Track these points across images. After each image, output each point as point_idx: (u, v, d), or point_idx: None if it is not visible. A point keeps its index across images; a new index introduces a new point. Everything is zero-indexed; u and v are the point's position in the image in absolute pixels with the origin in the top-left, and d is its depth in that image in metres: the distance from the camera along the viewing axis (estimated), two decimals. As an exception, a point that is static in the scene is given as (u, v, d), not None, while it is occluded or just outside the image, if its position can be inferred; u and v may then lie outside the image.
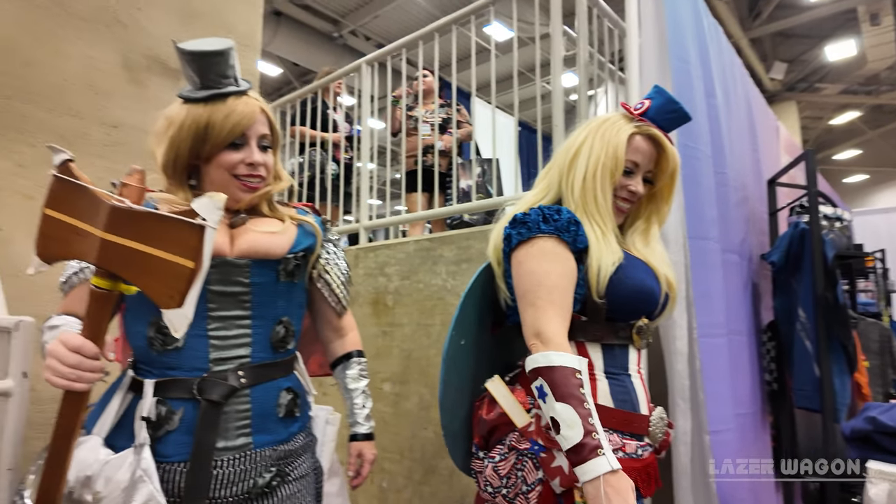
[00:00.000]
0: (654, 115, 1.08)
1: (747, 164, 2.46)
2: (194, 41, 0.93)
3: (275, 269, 0.99)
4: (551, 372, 0.87)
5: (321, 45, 10.05)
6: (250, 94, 0.98)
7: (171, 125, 0.95)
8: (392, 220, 2.51)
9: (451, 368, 1.09)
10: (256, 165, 0.97)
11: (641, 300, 1.03)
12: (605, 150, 1.04)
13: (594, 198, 1.04)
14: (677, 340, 1.62)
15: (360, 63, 2.66)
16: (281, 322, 1.02)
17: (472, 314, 1.12)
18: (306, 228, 1.07)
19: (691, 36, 1.90)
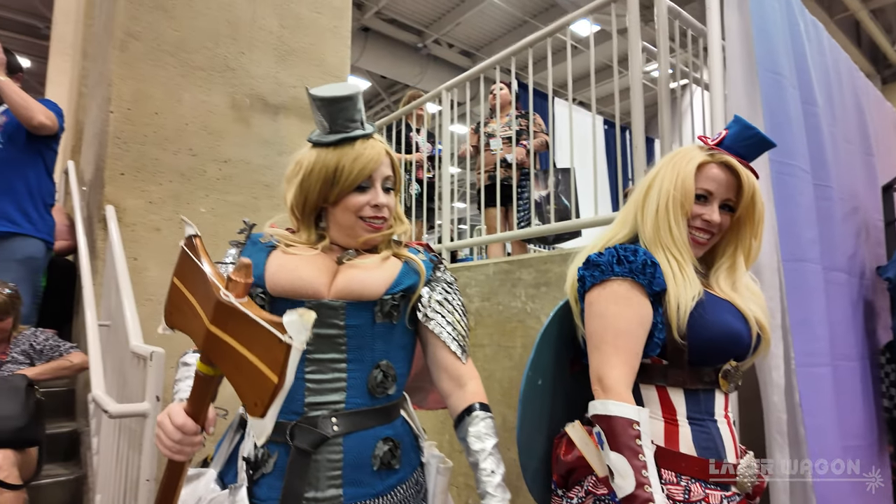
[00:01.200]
0: (731, 144, 1.05)
1: (857, 170, 2.25)
2: (324, 87, 0.96)
3: (371, 310, 0.96)
4: (608, 421, 0.88)
5: (407, 56, 10.36)
6: (375, 136, 1.00)
7: (302, 169, 0.98)
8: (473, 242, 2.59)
9: (527, 408, 1.10)
10: (381, 207, 0.99)
11: (726, 344, 0.99)
12: (674, 180, 1.03)
13: (668, 229, 1.02)
14: (773, 371, 1.55)
15: (441, 90, 2.75)
16: (379, 366, 0.97)
17: (549, 354, 1.13)
18: (410, 266, 1.03)
19: (783, 43, 1.79)
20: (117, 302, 1.88)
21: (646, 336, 0.97)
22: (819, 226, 1.78)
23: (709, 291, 1.03)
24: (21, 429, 1.76)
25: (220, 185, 2.71)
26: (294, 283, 0.93)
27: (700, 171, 1.04)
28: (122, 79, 2.52)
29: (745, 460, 1.01)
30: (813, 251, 1.71)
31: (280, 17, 3.04)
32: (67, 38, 6.61)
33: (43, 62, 8.90)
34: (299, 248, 0.98)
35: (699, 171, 1.04)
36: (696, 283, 0.99)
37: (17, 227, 2.33)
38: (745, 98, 1.70)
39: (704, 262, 1.12)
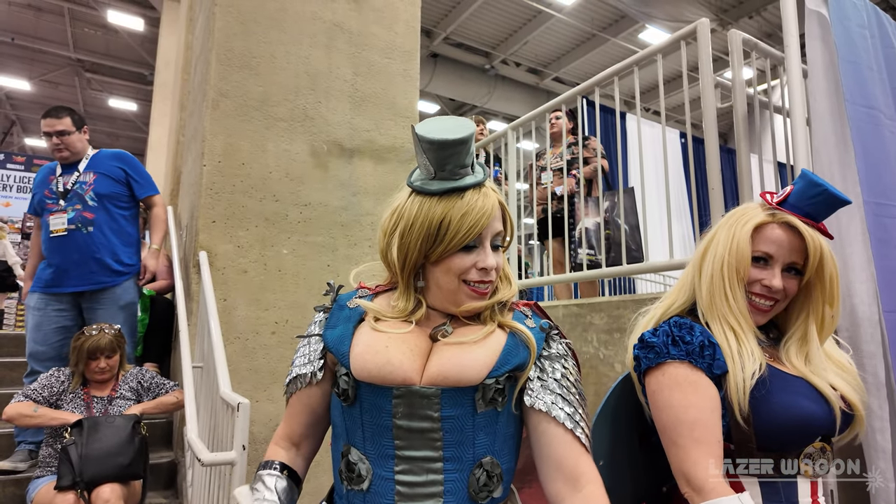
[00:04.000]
0: (795, 202, 0.97)
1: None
2: (433, 123, 0.83)
3: (471, 397, 0.80)
4: None
5: (475, 77, 10.53)
6: (487, 184, 0.86)
7: (402, 221, 0.84)
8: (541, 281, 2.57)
9: None
10: (489, 270, 0.84)
11: (797, 428, 0.91)
12: (728, 244, 0.97)
13: (724, 297, 0.96)
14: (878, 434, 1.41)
15: (507, 129, 2.78)
16: (482, 465, 0.81)
17: (609, 433, 1.07)
18: (518, 338, 0.86)
19: (877, 72, 1.67)
20: (209, 345, 2.04)
21: (720, 422, 0.91)
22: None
23: (776, 367, 0.96)
24: (127, 465, 1.94)
25: (301, 228, 2.89)
26: (382, 368, 0.79)
27: (759, 232, 0.97)
28: (213, 135, 2.76)
29: None
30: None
31: (354, 66, 3.21)
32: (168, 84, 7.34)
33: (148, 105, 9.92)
34: (390, 324, 0.84)
35: (758, 232, 0.97)
36: (756, 356, 0.92)
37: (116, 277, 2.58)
38: (833, 135, 1.60)
39: (778, 331, 1.04)
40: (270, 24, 2.98)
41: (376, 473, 0.79)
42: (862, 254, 1.50)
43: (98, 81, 11.71)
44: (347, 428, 0.84)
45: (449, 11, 9.23)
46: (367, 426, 0.81)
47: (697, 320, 1.00)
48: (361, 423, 0.81)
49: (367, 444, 0.81)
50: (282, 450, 0.92)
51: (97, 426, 1.98)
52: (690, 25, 1.87)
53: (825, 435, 0.95)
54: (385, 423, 0.80)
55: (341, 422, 0.84)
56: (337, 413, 0.86)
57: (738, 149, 1.84)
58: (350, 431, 0.83)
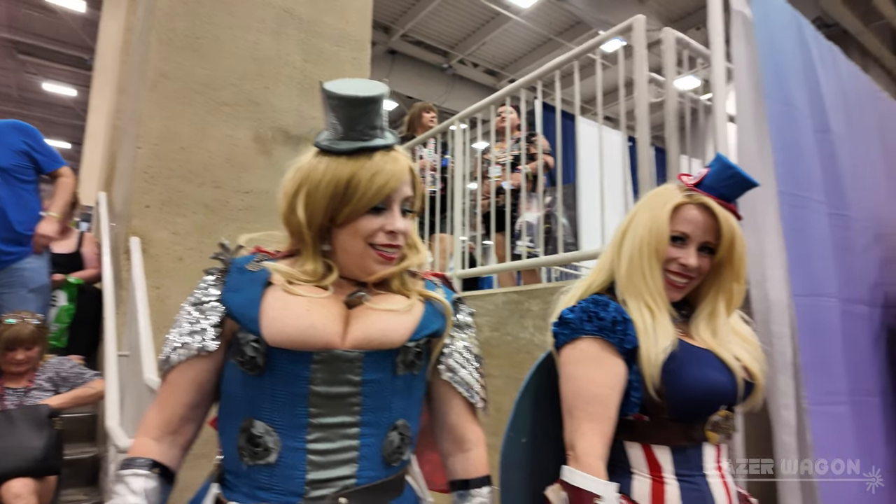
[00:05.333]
0: (711, 184, 1.01)
1: (880, 195, 2.18)
2: (342, 82, 0.78)
3: (392, 361, 0.81)
4: (571, 491, 0.88)
5: (433, 76, 10.54)
6: (397, 148, 0.84)
7: (307, 180, 0.81)
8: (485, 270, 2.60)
9: (512, 470, 1.06)
10: (397, 234, 0.82)
11: (705, 397, 0.96)
12: (648, 223, 1.00)
13: (642, 275, 0.99)
14: (783, 410, 1.51)
15: (454, 120, 2.80)
16: (396, 427, 0.83)
17: (531, 411, 1.09)
18: (436, 307, 0.88)
19: (794, 72, 1.77)
20: (136, 332, 1.96)
21: (620, 398, 0.95)
22: (836, 257, 1.73)
23: (686, 341, 1.00)
24: (41, 459, 1.84)
25: (243, 216, 2.81)
26: (305, 332, 0.76)
27: (677, 212, 1.01)
28: (151, 117, 2.65)
29: None
30: (828, 285, 1.66)
31: (304, 53, 3.16)
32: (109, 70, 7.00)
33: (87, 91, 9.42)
34: (306, 288, 0.80)
35: (676, 212, 1.01)
36: (668, 334, 0.96)
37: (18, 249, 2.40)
38: (755, 130, 1.68)
39: (689, 307, 1.08)
40: (217, 5, 2.89)
41: (285, 445, 0.76)
42: (776, 241, 1.59)
43: (34, 64, 11.05)
44: (250, 400, 0.78)
45: (408, 9, 9.21)
46: (277, 396, 0.77)
47: (615, 298, 1.03)
48: (271, 392, 0.77)
49: (277, 414, 0.77)
50: (152, 441, 0.80)
51: (10, 419, 1.88)
52: (627, 21, 1.94)
53: (729, 403, 1.00)
54: (300, 390, 0.77)
55: (242, 395, 0.78)
56: (235, 385, 0.80)
57: (668, 144, 1.92)
58: (254, 404, 0.78)
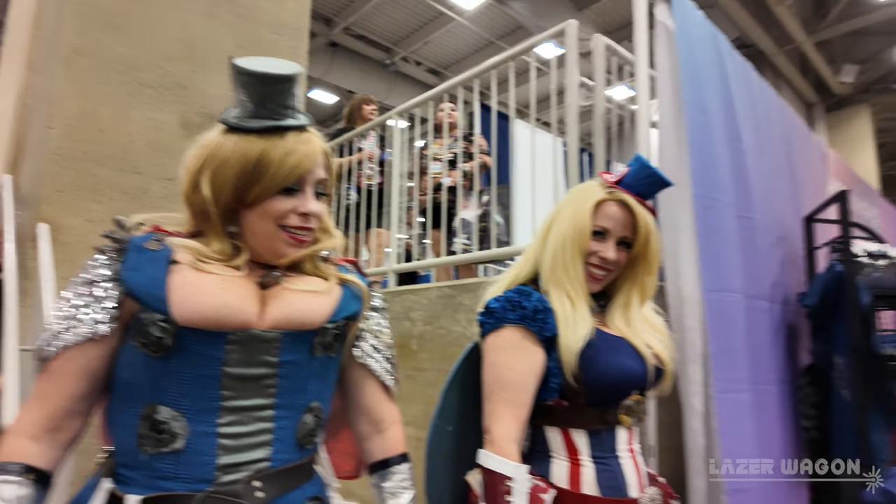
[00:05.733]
0: (630, 182, 1.08)
1: (785, 201, 2.38)
2: (255, 59, 0.76)
3: (309, 342, 0.80)
4: (485, 474, 0.92)
5: (375, 72, 10.42)
6: (311, 129, 0.82)
7: (213, 157, 0.78)
8: (419, 265, 2.61)
9: (437, 458, 1.07)
10: (309, 216, 0.80)
11: (619, 382, 1.02)
12: (571, 218, 1.06)
13: (564, 267, 1.04)
14: (693, 398, 1.61)
15: (392, 114, 2.79)
16: (311, 409, 0.82)
17: (458, 399, 1.12)
18: (352, 290, 0.88)
19: (711, 83, 1.89)
20: (40, 325, 1.82)
21: (537, 385, 0.99)
22: (742, 256, 1.87)
23: (603, 330, 1.05)
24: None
25: (165, 204, 2.66)
26: (220, 311, 0.73)
27: (598, 208, 1.06)
28: (65, 96, 2.47)
29: (648, 493, 1.03)
30: (735, 281, 1.79)
31: (237, 38, 3.03)
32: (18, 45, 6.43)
33: (-5, 67, 8.62)
34: (217, 267, 0.77)
35: (598, 208, 1.06)
36: (587, 324, 1.01)
37: None
38: (674, 135, 1.79)
39: (606, 297, 1.14)
40: (141, -20, 2.73)
41: (194, 430, 0.73)
42: (690, 240, 1.70)
43: (-69, 34, 9.98)
44: (154, 385, 0.73)
45: (351, 1, 9.06)
46: (186, 378, 0.73)
47: (539, 288, 1.07)
48: (179, 375, 0.73)
49: (185, 398, 0.73)
50: (29, 442, 0.72)
51: None
52: (560, 25, 2.01)
53: (641, 388, 1.06)
54: (212, 372, 0.74)
55: (144, 379, 0.73)
56: (135, 370, 0.74)
57: (596, 147, 2.00)
58: (158, 388, 0.73)
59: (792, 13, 7.88)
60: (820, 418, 2.11)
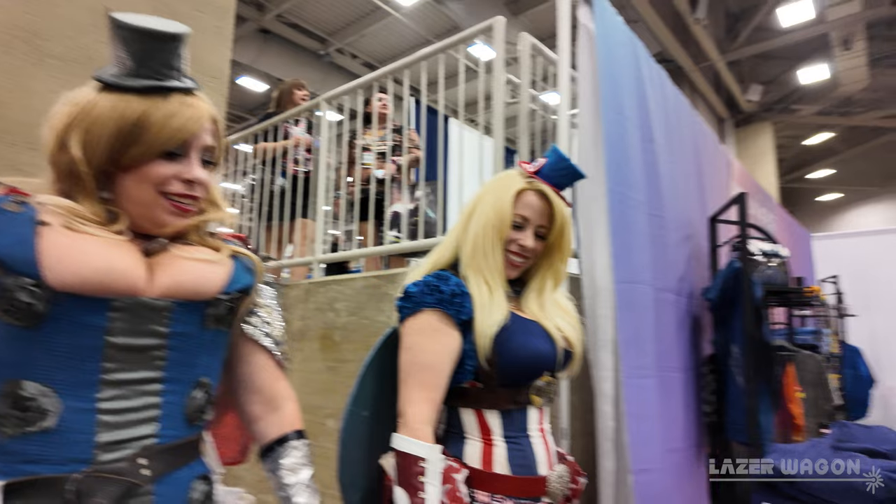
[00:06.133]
0: (548, 172, 1.11)
1: (693, 202, 2.55)
2: (137, 15, 0.72)
3: (202, 313, 0.76)
4: (398, 456, 0.93)
5: (308, 62, 10.14)
6: (198, 94, 0.78)
7: (85, 115, 0.72)
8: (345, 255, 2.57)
9: (351, 444, 1.07)
10: (194, 184, 0.76)
11: (530, 364, 1.05)
12: (493, 206, 1.08)
13: (484, 254, 1.06)
14: (603, 383, 1.70)
15: (320, 100, 2.73)
16: (200, 385, 0.78)
17: (375, 385, 1.12)
18: (244, 262, 0.84)
19: (628, 86, 2.00)
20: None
21: (452, 367, 1.01)
22: (652, 250, 1.99)
23: (517, 314, 1.09)
24: None
25: (70, 185, 2.47)
26: (105, 275, 0.67)
27: (518, 198, 1.10)
28: (-50, 59, 2.22)
29: (556, 471, 1.07)
30: (644, 273, 1.91)
31: (155, 10, 2.84)
32: None
33: None
34: (95, 227, 0.70)
35: (518, 198, 1.10)
36: (502, 309, 1.03)
37: None
38: (592, 132, 1.87)
39: (521, 283, 1.18)
40: (45, -58, 2.50)
41: (68, 406, 0.67)
42: (604, 233, 1.79)
43: None
44: (17, 358, 0.67)
45: (284, -13, 8.78)
46: (60, 350, 0.67)
47: (459, 274, 1.09)
48: (50, 346, 0.67)
49: (58, 372, 0.67)
50: None
51: None
52: (488, 21, 2.05)
53: (552, 370, 1.10)
54: (92, 342, 0.68)
55: (4, 353, 0.67)
56: None
57: (520, 143, 2.06)
58: (22, 362, 0.67)
59: (707, 33, 8.46)
60: (719, 403, 2.29)
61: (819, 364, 2.63)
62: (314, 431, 2.22)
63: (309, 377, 2.23)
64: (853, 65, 8.80)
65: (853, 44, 8.39)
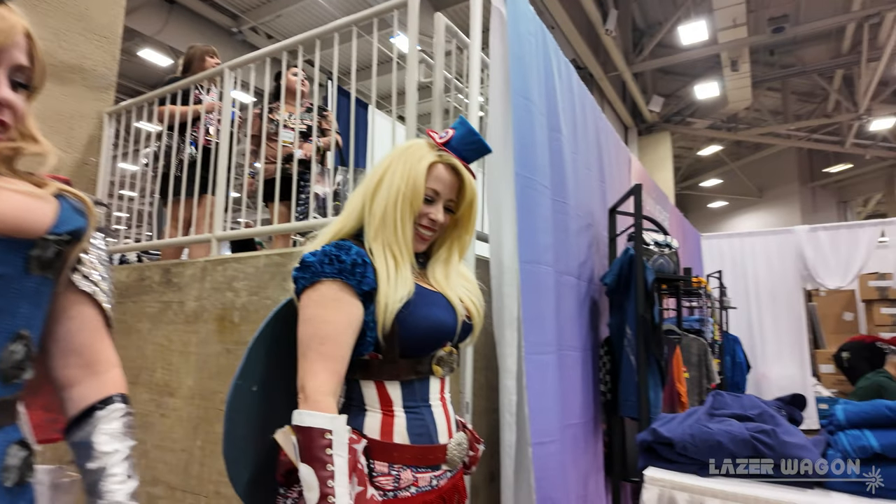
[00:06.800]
0: (456, 145, 1.10)
1: (595, 194, 2.69)
2: None
3: (24, 254, 0.67)
4: (301, 432, 0.88)
5: (218, 38, 9.54)
6: (9, 5, 0.69)
7: None
8: (248, 233, 2.43)
9: (239, 420, 1.03)
10: (1, 105, 0.67)
11: (432, 334, 1.05)
12: (405, 178, 1.05)
13: (393, 227, 1.03)
14: (507, 359, 1.74)
15: (223, 68, 2.56)
16: (20, 337, 0.69)
17: (266, 359, 1.07)
18: (73, 203, 0.74)
19: (536, 74, 2.05)
20: None
21: (355, 338, 0.98)
22: (555, 235, 2.06)
23: (422, 286, 1.08)
24: None
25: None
26: None
27: (430, 171, 1.08)
28: None
29: (455, 439, 1.08)
30: (547, 255, 1.97)
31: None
32: None
33: None
34: None
35: (429, 171, 1.07)
36: (408, 283, 1.02)
37: None
38: (502, 116, 1.90)
39: (425, 254, 1.17)
40: None
41: None
42: (510, 216, 1.82)
43: None
44: None
45: (193, -43, 8.21)
46: None
47: (362, 244, 1.05)
48: None
49: None
50: None
51: None
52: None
53: (453, 340, 1.10)
54: None
55: None
56: None
57: (433, 122, 2.05)
58: None
59: (616, 44, 8.98)
60: (613, 383, 2.43)
61: (703, 347, 2.87)
62: (210, 418, 2.09)
63: (205, 361, 2.09)
64: (739, 85, 9.72)
65: (739, 66, 9.27)
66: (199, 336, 2.10)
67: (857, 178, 14.08)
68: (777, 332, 5.69)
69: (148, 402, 2.23)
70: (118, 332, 2.49)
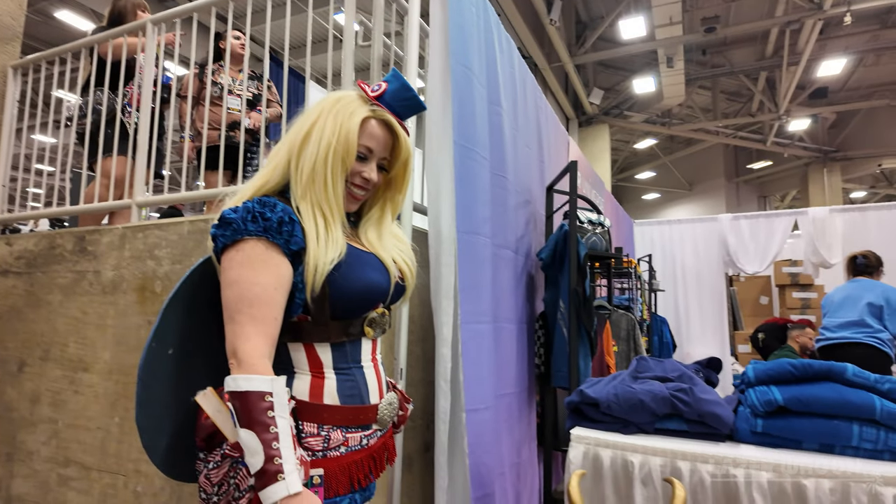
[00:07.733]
0: (389, 100, 1.04)
1: (534, 172, 2.73)
2: None
3: None
4: (238, 397, 0.84)
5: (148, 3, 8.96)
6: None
7: None
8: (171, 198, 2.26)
9: (154, 384, 0.97)
10: None
11: (364, 296, 1.02)
12: (337, 133, 0.99)
13: (324, 184, 0.98)
14: (444, 328, 1.74)
15: (146, 21, 2.38)
16: None
17: (183, 320, 1.01)
18: None
19: (477, 44, 2.04)
20: None
21: (285, 299, 0.94)
22: (493, 207, 2.08)
23: (354, 246, 1.04)
24: None
25: None
26: None
27: (362, 127, 1.02)
28: None
29: (384, 400, 1.06)
30: (485, 227, 1.98)
31: None
32: None
33: None
34: None
35: (361, 127, 1.02)
36: (339, 244, 0.97)
37: None
38: (441, 84, 1.88)
39: (357, 214, 1.13)
40: None
41: None
42: (448, 185, 1.81)
43: None
44: None
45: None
46: None
47: (287, 202, 0.99)
48: None
49: None
50: None
51: None
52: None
53: (385, 302, 1.07)
54: None
55: None
56: None
57: (374, 88, 2.01)
58: None
59: (560, 35, 9.14)
60: (547, 356, 2.49)
61: (631, 322, 3.00)
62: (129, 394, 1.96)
63: (124, 334, 1.96)
64: (674, 81, 10.15)
65: (675, 63, 9.67)
66: (117, 308, 1.97)
67: (777, 175, 15.13)
68: (701, 314, 6.04)
69: (60, 378, 2.07)
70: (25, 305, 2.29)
